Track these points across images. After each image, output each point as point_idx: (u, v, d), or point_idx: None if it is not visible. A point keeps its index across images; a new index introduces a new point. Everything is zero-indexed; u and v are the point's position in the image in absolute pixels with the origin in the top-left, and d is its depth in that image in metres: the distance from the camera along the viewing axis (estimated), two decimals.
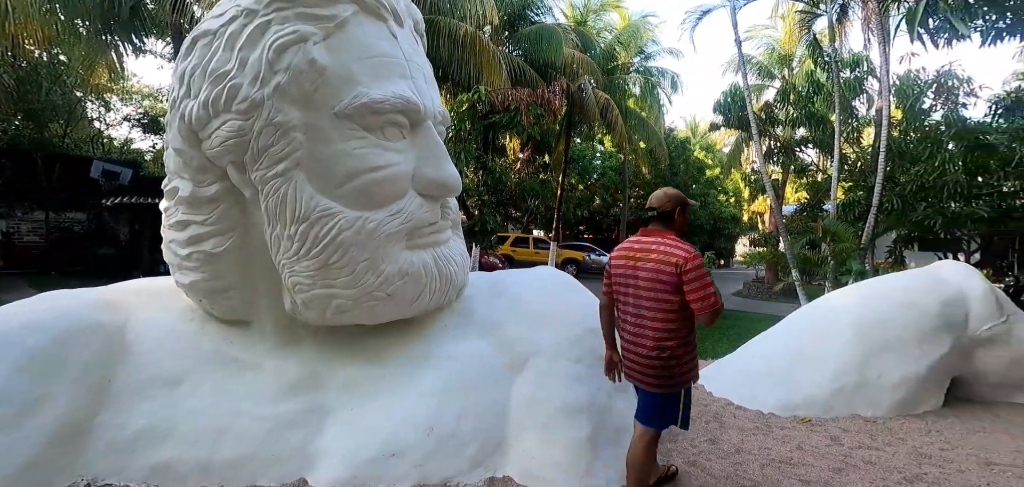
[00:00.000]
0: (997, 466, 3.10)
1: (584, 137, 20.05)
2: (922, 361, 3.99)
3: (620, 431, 2.75)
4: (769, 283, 14.27)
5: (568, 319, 2.84)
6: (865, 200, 8.60)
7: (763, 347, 4.51)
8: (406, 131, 2.61)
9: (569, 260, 17.53)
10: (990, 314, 4.20)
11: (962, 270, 4.53)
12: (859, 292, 4.50)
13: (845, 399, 3.89)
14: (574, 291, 3.09)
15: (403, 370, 2.73)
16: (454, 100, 7.03)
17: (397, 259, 2.54)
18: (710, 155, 26.73)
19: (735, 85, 11.58)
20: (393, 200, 2.53)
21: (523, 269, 3.42)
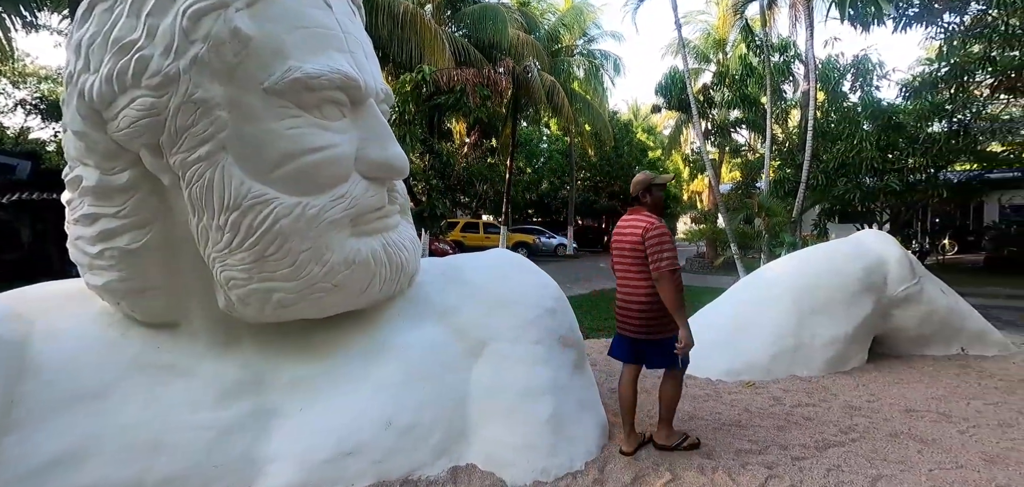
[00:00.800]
0: (916, 412, 3.41)
1: (530, 120, 20.11)
2: (849, 322, 4.32)
3: (582, 408, 2.76)
4: (709, 258, 15.02)
5: (525, 301, 2.80)
6: (794, 177, 9.20)
7: (709, 318, 4.71)
8: (346, 110, 2.44)
9: (520, 244, 17.62)
10: (905, 277, 4.61)
11: (881, 238, 4.93)
12: (792, 262, 4.79)
13: (784, 361, 4.15)
14: (530, 272, 3.05)
15: (356, 363, 2.59)
16: (396, 81, 6.75)
17: (343, 247, 2.39)
18: (652, 137, 27.64)
19: (674, 68, 11.96)
20: (335, 184, 2.36)
21: (477, 252, 3.34)
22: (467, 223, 18.17)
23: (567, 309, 2.99)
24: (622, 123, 23.51)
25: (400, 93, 6.67)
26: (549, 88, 12.37)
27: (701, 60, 16.58)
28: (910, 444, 2.88)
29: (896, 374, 4.22)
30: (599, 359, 4.64)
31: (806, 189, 7.42)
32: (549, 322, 2.75)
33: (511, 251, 3.78)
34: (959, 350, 4.80)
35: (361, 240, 2.46)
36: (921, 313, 4.65)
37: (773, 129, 10.05)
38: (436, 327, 2.68)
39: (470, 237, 17.34)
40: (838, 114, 10.32)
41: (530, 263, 3.19)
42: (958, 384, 3.99)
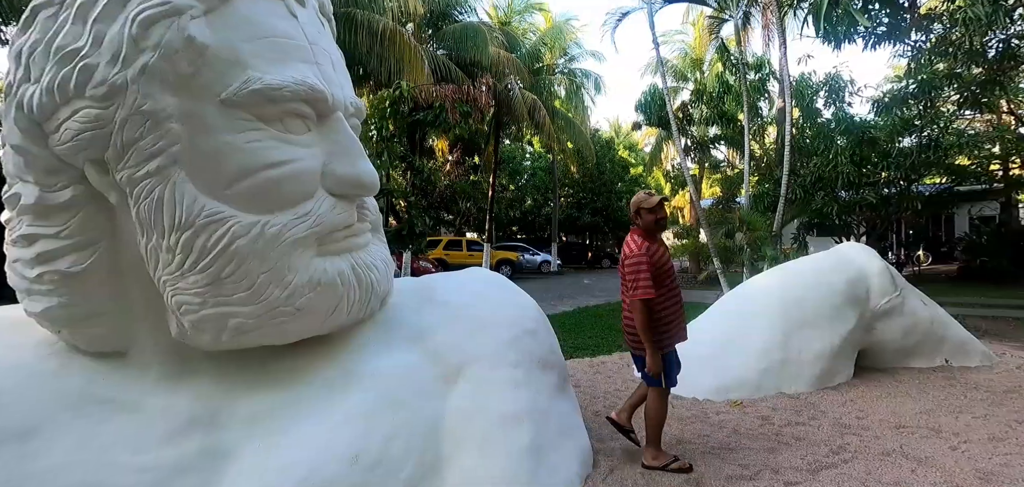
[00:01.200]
0: (907, 428, 3.34)
1: (513, 138, 20.15)
2: (835, 335, 4.27)
3: (564, 434, 2.62)
4: (693, 272, 15.09)
5: (503, 322, 2.66)
6: (773, 191, 9.30)
7: (695, 334, 4.56)
8: (312, 123, 2.30)
9: (503, 261, 17.48)
10: (887, 289, 4.59)
11: (862, 251, 4.92)
12: (777, 276, 4.74)
13: (771, 377, 4.06)
14: (508, 292, 2.91)
15: (321, 394, 2.40)
16: (375, 97, 6.64)
17: (307, 268, 2.23)
18: (633, 154, 27.96)
19: (654, 86, 12.11)
20: (299, 200, 2.21)
21: (453, 272, 3.20)
22: (450, 241, 17.95)
23: (548, 330, 2.86)
24: (604, 140, 23.74)
25: (378, 109, 6.54)
26: (531, 106, 12.39)
27: (679, 79, 16.87)
28: (904, 463, 2.80)
29: (883, 388, 4.17)
30: (583, 380, 4.50)
31: (785, 203, 7.48)
32: (529, 344, 2.61)
33: (489, 270, 3.67)
34: (943, 361, 4.79)
35: (327, 260, 2.31)
36: (904, 325, 4.64)
37: (751, 145, 10.19)
38: (409, 351, 2.52)
39: (453, 255, 17.13)
40: (813, 130, 10.53)
41: (509, 282, 3.06)
42: (945, 397, 3.94)
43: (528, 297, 2.93)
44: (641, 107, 12.05)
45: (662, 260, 2.78)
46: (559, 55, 17.03)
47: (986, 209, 17.28)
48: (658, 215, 2.78)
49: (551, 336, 2.86)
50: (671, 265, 2.85)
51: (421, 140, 14.98)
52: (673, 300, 2.80)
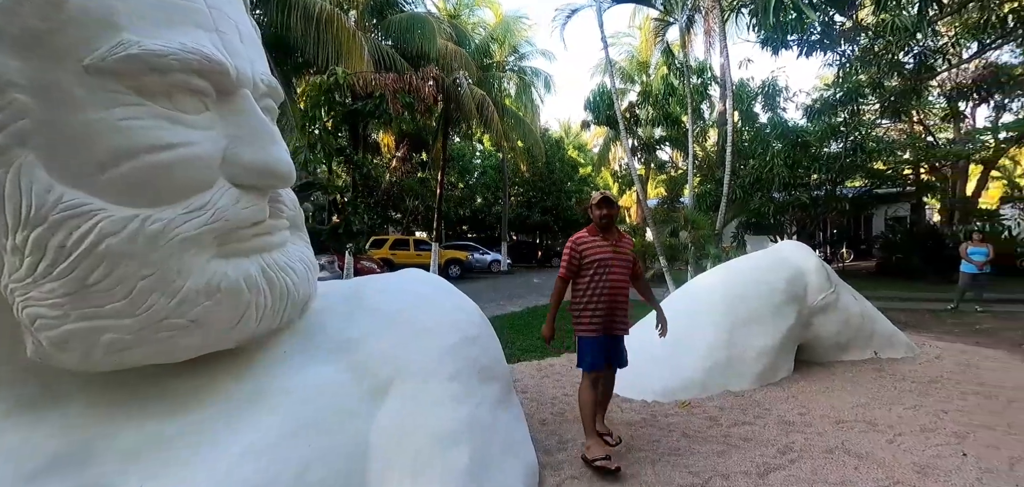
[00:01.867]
0: (845, 422, 3.39)
1: (462, 136, 19.81)
2: (776, 332, 4.33)
3: (508, 450, 2.40)
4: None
5: (440, 328, 2.41)
6: (715, 191, 9.58)
7: (644, 334, 4.53)
8: (211, 101, 1.95)
9: (452, 260, 17.10)
10: (823, 285, 4.73)
11: (799, 249, 5.06)
12: (721, 274, 4.77)
13: (717, 376, 4.05)
14: (447, 295, 2.67)
15: (223, 418, 2.05)
16: (307, 84, 6.12)
17: (203, 271, 1.88)
18: (582, 154, 28.36)
19: (602, 85, 12.20)
20: (192, 192, 1.86)
21: (384, 274, 2.91)
22: (397, 240, 17.34)
23: (491, 336, 2.63)
24: (553, 140, 23.87)
25: (312, 98, 6.04)
26: (479, 102, 12.14)
27: (626, 80, 17.18)
28: (846, 460, 2.80)
29: (821, 382, 4.27)
30: (530, 385, 4.32)
31: (727, 203, 7.70)
32: (469, 352, 2.38)
33: (442, 269, 3.43)
34: (873, 354, 5.01)
35: (231, 262, 1.96)
36: (838, 320, 4.80)
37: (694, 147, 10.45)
38: (331, 365, 2.21)
39: (400, 254, 16.55)
40: (750, 134, 10.96)
41: (447, 284, 2.81)
42: (878, 389, 4.08)
43: (469, 300, 2.70)
44: (590, 106, 12.12)
45: (590, 251, 2.91)
46: (509, 52, 16.89)
47: (900, 210, 18.86)
48: (599, 211, 2.94)
49: (494, 343, 2.64)
50: (604, 261, 2.90)
51: (365, 134, 14.33)
52: (594, 293, 2.89)
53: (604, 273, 2.88)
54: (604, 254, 2.90)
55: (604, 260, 2.89)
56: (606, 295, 2.88)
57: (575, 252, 2.91)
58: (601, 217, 2.92)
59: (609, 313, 2.90)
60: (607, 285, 2.88)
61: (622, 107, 13.28)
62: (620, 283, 2.94)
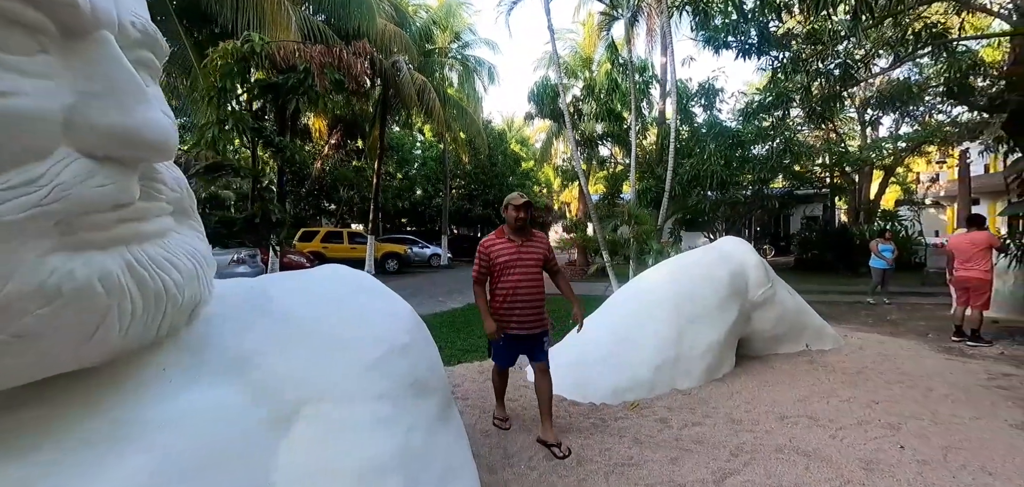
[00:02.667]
0: (789, 418, 3.38)
1: (402, 124, 19.03)
2: (721, 328, 4.31)
3: (446, 476, 2.07)
4: (580, 266, 15.52)
5: (363, 338, 2.03)
6: (655, 188, 9.75)
7: (590, 333, 4.36)
8: (52, 42, 1.45)
9: (390, 254, 16.36)
10: (762, 280, 4.80)
11: (739, 245, 5.11)
12: (667, 271, 4.70)
13: (666, 374, 3.94)
14: (373, 295, 2.29)
15: (76, 459, 1.57)
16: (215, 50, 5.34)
17: (35, 268, 1.39)
18: (525, 149, 28.33)
19: (546, 78, 12.05)
20: (17, 161, 1.37)
21: (299, 271, 2.48)
22: (329, 232, 16.30)
23: (426, 342, 2.29)
24: (496, 133, 23.58)
25: (222, 65, 5.24)
26: (420, 87, 11.58)
27: (570, 75, 17.20)
28: (796, 460, 2.74)
29: (761, 377, 4.30)
30: (471, 390, 4.01)
31: (669, 199, 7.81)
32: (400, 365, 2.02)
33: (378, 263, 3.06)
34: (805, 346, 5.17)
35: (81, 256, 1.47)
36: (775, 315, 4.89)
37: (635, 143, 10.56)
38: (223, 387, 1.78)
39: (333, 248, 15.56)
40: (688, 133, 11.27)
41: (375, 283, 2.43)
42: (814, 382, 4.17)
43: (401, 302, 2.34)
44: (533, 97, 11.96)
45: (496, 253, 2.99)
46: (452, 39, 16.35)
47: (813, 210, 20.42)
48: (516, 212, 2.99)
49: (431, 350, 2.30)
50: (508, 262, 2.96)
51: (293, 117, 13.28)
52: (504, 295, 2.96)
53: (508, 274, 2.95)
54: (509, 256, 2.97)
55: (508, 262, 2.96)
56: (509, 296, 2.95)
57: (483, 256, 3.04)
58: (516, 219, 2.99)
59: (517, 311, 2.96)
60: (509, 286, 2.95)
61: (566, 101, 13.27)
62: (523, 283, 2.97)
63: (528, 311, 2.98)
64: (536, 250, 3.06)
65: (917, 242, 15.60)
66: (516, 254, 2.99)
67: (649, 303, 4.27)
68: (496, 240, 3.05)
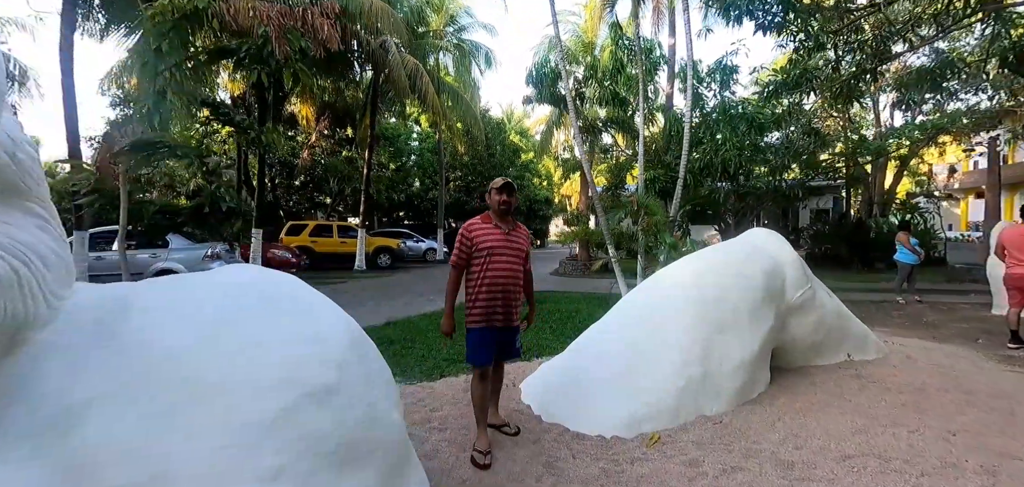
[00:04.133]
0: (851, 458, 2.66)
1: (397, 114, 18.24)
2: (755, 338, 3.57)
3: None
4: (583, 261, 14.78)
5: (255, 382, 1.33)
6: (665, 176, 9.00)
7: (597, 345, 3.65)
8: None
9: (382, 248, 15.60)
10: (801, 280, 4.06)
11: (773, 238, 4.37)
12: (689, 269, 3.95)
13: (691, 398, 3.21)
14: (281, 313, 1.59)
15: None
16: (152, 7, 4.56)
17: None
18: (525, 140, 27.52)
19: (546, 59, 11.27)
20: None
21: (190, 275, 1.75)
22: (318, 226, 15.51)
23: (364, 382, 1.56)
24: (494, 123, 22.77)
25: (159, 26, 4.46)
26: (412, 71, 10.80)
27: (572, 61, 16.40)
28: None
29: (804, 398, 3.57)
30: (452, 416, 3.27)
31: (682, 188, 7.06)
32: (313, 422, 1.30)
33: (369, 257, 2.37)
34: (846, 356, 4.43)
35: None
36: (814, 320, 4.15)
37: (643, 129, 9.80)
38: (28, 467, 1.07)
39: (321, 242, 14.79)
40: (699, 118, 10.49)
41: (296, 291, 1.70)
42: (868, 404, 3.43)
43: (334, 318, 1.62)
44: (532, 79, 11.18)
45: (485, 239, 2.77)
46: (446, 22, 15.52)
47: (824, 203, 19.64)
48: (499, 196, 2.81)
49: (372, 391, 1.58)
50: (494, 248, 2.76)
51: (278, 105, 12.47)
52: (483, 282, 2.75)
53: (493, 261, 2.75)
54: (495, 242, 2.76)
55: (495, 248, 2.75)
56: (495, 284, 2.75)
57: (466, 239, 2.79)
58: (500, 203, 2.81)
59: (497, 303, 2.76)
60: (495, 273, 2.74)
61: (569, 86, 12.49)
62: (509, 272, 2.79)
63: (512, 304, 2.82)
64: (521, 242, 2.90)
65: (936, 235, 14.86)
66: (504, 241, 2.80)
67: (669, 308, 3.53)
68: (481, 224, 2.82)
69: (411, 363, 4.52)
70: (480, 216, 2.89)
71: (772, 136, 11.32)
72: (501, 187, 2.83)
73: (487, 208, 2.94)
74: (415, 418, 3.23)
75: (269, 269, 1.96)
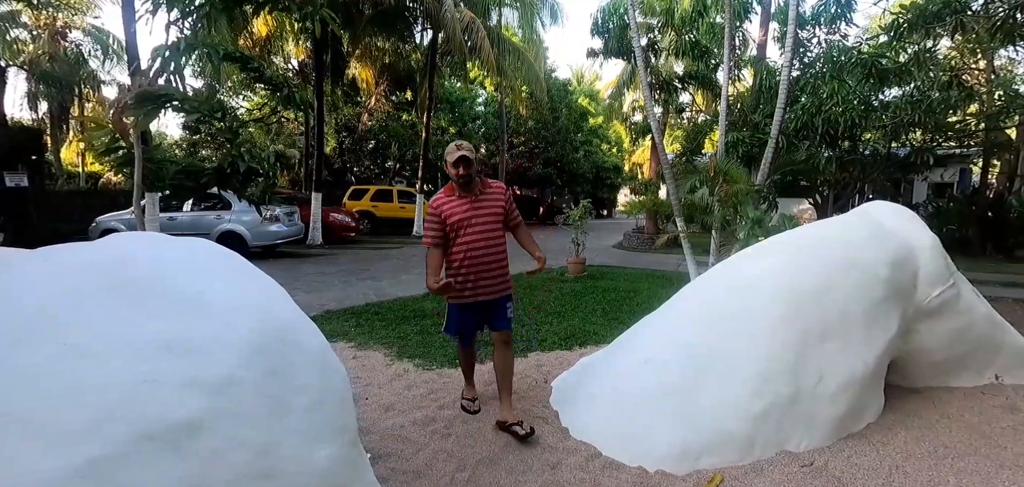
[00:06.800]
0: None
1: (460, 77, 17.72)
2: (871, 349, 2.64)
3: None
4: (649, 233, 13.61)
5: (61, 419, 0.85)
6: (750, 138, 7.71)
7: (648, 341, 2.89)
8: None
9: None
10: (941, 275, 3.01)
11: (900, 214, 3.31)
12: (779, 251, 3.03)
13: (772, 426, 2.39)
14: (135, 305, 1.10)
15: None
16: None
17: None
18: (594, 104, 26.02)
19: (615, 2, 10.08)
20: None
21: (35, 252, 1.28)
22: (379, 190, 15.59)
23: (268, 411, 1.02)
24: (560, 84, 21.58)
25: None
26: (467, 25, 10.15)
27: (647, 13, 14.85)
28: None
29: (932, 434, 2.61)
30: (462, 417, 2.71)
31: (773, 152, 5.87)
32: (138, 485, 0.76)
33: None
34: (994, 379, 3.32)
35: None
36: (955, 328, 3.08)
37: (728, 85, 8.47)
38: None
39: (382, 206, 14.87)
40: (800, 70, 8.89)
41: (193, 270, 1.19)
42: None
43: (238, 307, 1.09)
44: (598, 28, 10.08)
45: (453, 212, 2.62)
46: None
47: (948, 175, 16.63)
48: (454, 170, 2.62)
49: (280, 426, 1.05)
50: (462, 220, 2.63)
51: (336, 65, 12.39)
52: (461, 259, 2.63)
53: (463, 234, 2.63)
54: (462, 215, 2.64)
55: (461, 221, 2.63)
56: (468, 256, 2.63)
57: (434, 217, 2.66)
58: (457, 176, 2.64)
59: (474, 276, 2.66)
60: (465, 247, 2.63)
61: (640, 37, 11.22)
62: (482, 242, 2.65)
63: (487, 275, 2.67)
64: (493, 204, 2.71)
65: None
66: (470, 211, 2.64)
67: (749, 303, 2.68)
68: (446, 198, 2.68)
69: (437, 343, 4.04)
70: (444, 189, 2.75)
71: (889, 93, 9.42)
72: (456, 160, 2.61)
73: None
74: (417, 416, 2.73)
75: (174, 238, 1.46)
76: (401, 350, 3.91)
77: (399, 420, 2.69)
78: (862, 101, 7.80)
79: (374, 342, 4.13)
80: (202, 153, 10.45)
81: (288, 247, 10.90)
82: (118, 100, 3.53)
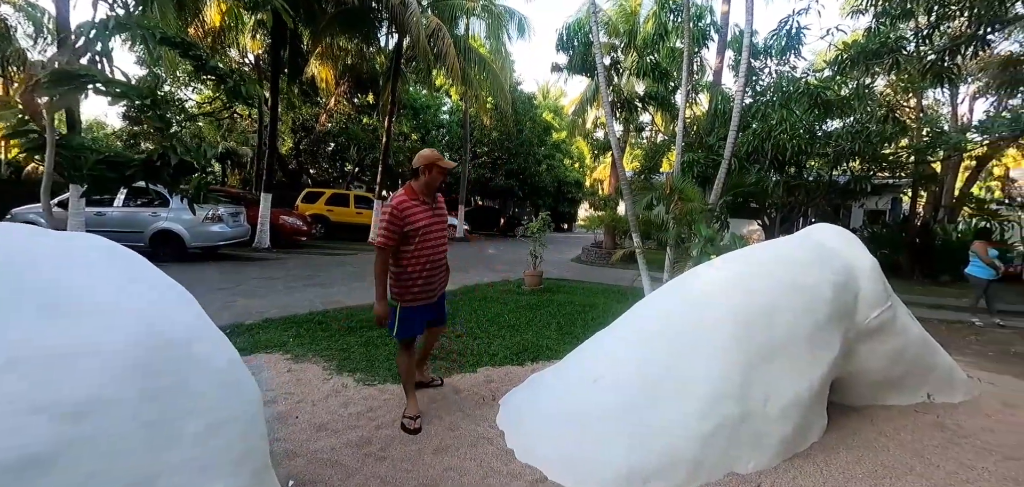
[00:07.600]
0: None
1: (424, 82, 17.49)
2: (815, 369, 2.67)
3: None
4: (607, 248, 13.79)
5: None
6: (704, 159, 7.94)
7: (599, 359, 2.82)
8: None
9: None
10: (879, 296, 3.10)
11: (844, 237, 3.41)
12: (729, 270, 3.05)
13: (720, 447, 2.36)
14: None
15: None
16: None
17: None
18: (559, 119, 26.34)
19: (581, 20, 10.22)
20: None
21: None
22: (335, 194, 15.07)
23: (142, 440, 0.82)
24: (525, 97, 21.71)
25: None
26: (433, 30, 10.01)
27: (612, 33, 15.20)
28: None
29: (872, 453, 2.67)
30: (400, 437, 2.54)
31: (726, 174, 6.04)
32: None
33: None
34: (926, 397, 3.46)
35: None
36: (892, 349, 3.20)
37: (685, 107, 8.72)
38: None
39: (337, 211, 14.35)
40: (752, 97, 9.28)
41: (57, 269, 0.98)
42: (957, 466, 2.53)
43: (115, 312, 0.89)
44: (563, 44, 10.17)
45: (418, 219, 2.66)
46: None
47: (881, 203, 17.80)
48: (441, 175, 2.74)
49: (162, 458, 0.86)
50: (435, 230, 2.73)
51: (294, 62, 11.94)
52: (426, 264, 2.72)
53: (426, 239, 2.70)
54: (427, 221, 2.71)
55: (427, 226, 2.70)
56: (430, 262, 2.73)
57: (398, 219, 2.63)
58: (436, 182, 2.73)
59: (432, 280, 2.79)
60: (429, 251, 2.72)
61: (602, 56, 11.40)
62: (440, 248, 2.81)
63: (438, 277, 2.84)
64: (443, 214, 2.88)
65: (1014, 248, 13.10)
66: (431, 219, 2.73)
67: (699, 321, 2.66)
68: (410, 202, 2.67)
69: (382, 357, 3.83)
70: (405, 191, 2.72)
71: (832, 124, 10.00)
72: (443, 168, 2.73)
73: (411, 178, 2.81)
74: (352, 437, 2.53)
75: (50, 231, 1.25)
76: (342, 363, 3.67)
77: (331, 441, 2.48)
78: (807, 130, 8.21)
79: (313, 354, 3.86)
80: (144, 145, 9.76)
81: (232, 249, 10.30)
82: (28, 76, 3.16)
